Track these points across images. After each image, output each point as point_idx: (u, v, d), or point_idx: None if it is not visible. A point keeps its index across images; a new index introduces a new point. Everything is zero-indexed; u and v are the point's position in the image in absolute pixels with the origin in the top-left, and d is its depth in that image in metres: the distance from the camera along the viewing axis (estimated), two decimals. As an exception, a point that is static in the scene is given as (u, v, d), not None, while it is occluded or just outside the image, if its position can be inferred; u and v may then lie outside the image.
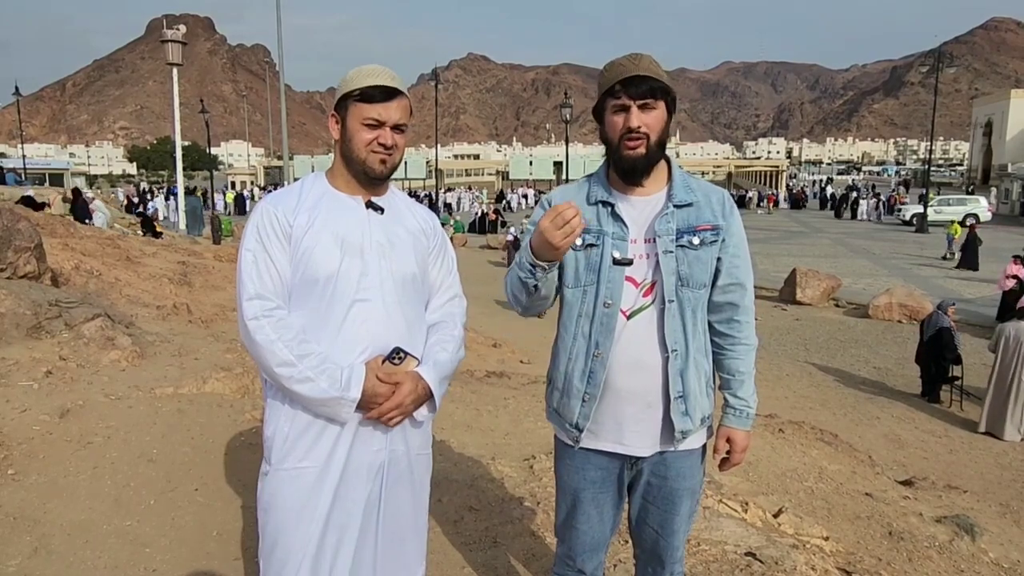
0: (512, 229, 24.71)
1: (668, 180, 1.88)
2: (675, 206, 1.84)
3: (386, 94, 1.77)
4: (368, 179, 1.83)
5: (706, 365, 1.91)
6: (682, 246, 1.82)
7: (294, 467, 1.77)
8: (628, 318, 1.83)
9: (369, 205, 1.85)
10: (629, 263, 1.82)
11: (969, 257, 21.05)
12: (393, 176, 1.91)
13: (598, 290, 1.83)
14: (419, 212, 1.99)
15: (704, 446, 1.99)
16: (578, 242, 1.84)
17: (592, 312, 1.85)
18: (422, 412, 1.86)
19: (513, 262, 1.87)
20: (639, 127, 1.76)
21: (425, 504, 1.99)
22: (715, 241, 1.85)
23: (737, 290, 1.90)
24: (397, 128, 1.81)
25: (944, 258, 23.37)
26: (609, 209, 1.86)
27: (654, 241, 1.82)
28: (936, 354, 9.90)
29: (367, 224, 1.82)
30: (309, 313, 1.78)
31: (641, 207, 1.86)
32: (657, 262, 1.81)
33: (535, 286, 1.78)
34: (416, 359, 1.83)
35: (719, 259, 1.87)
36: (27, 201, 17.25)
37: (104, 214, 17.37)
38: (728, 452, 1.95)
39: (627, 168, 1.82)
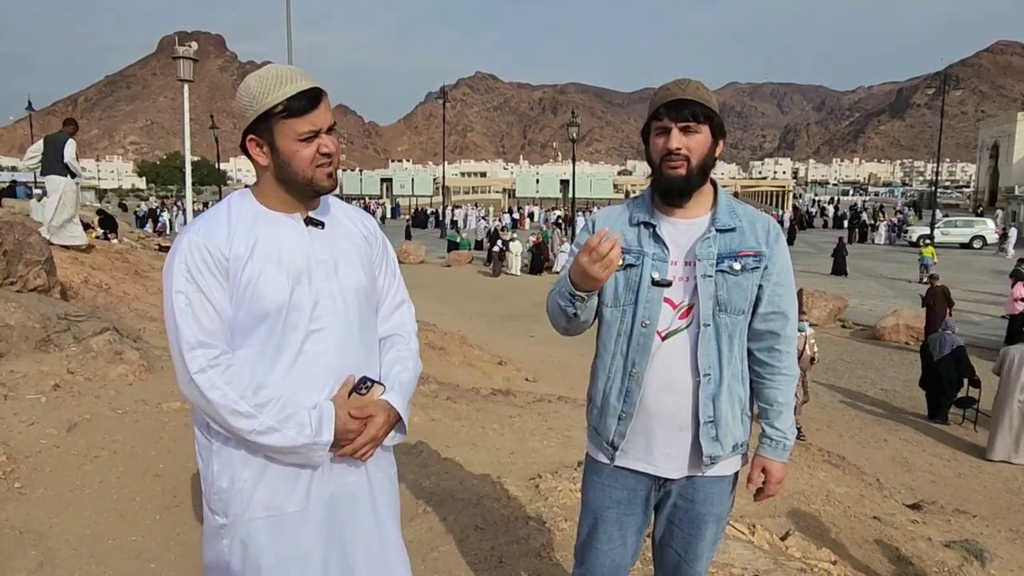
0: (499, 242, 25.15)
1: (713, 204, 1.89)
2: (718, 230, 1.83)
3: (313, 99, 1.58)
4: (313, 195, 1.68)
5: (741, 392, 1.88)
6: (722, 271, 1.81)
7: (264, 516, 1.63)
8: (663, 339, 1.83)
9: (309, 221, 1.69)
10: (668, 284, 1.82)
11: (838, 264, 24.18)
12: (402, 193, 1.83)
13: (636, 310, 1.83)
14: (357, 217, 1.84)
15: (736, 474, 1.96)
16: (619, 263, 1.86)
17: (630, 331, 1.85)
18: (392, 438, 1.77)
19: (552, 289, 1.90)
20: (678, 149, 1.77)
21: (398, 527, 1.89)
22: (756, 268, 1.84)
23: (779, 319, 1.88)
24: (330, 130, 1.63)
25: (921, 282, 22.25)
26: (651, 230, 1.86)
27: (694, 264, 1.82)
28: (956, 374, 9.83)
29: (310, 243, 1.67)
30: (256, 349, 1.61)
31: (684, 229, 1.86)
32: (695, 285, 1.81)
33: (575, 314, 1.82)
34: (381, 385, 1.73)
35: (761, 287, 1.85)
36: None
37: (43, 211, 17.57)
38: (763, 483, 1.92)
39: (666, 189, 1.83)
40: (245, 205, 1.67)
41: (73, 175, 8.69)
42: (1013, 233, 32.04)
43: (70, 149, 8.52)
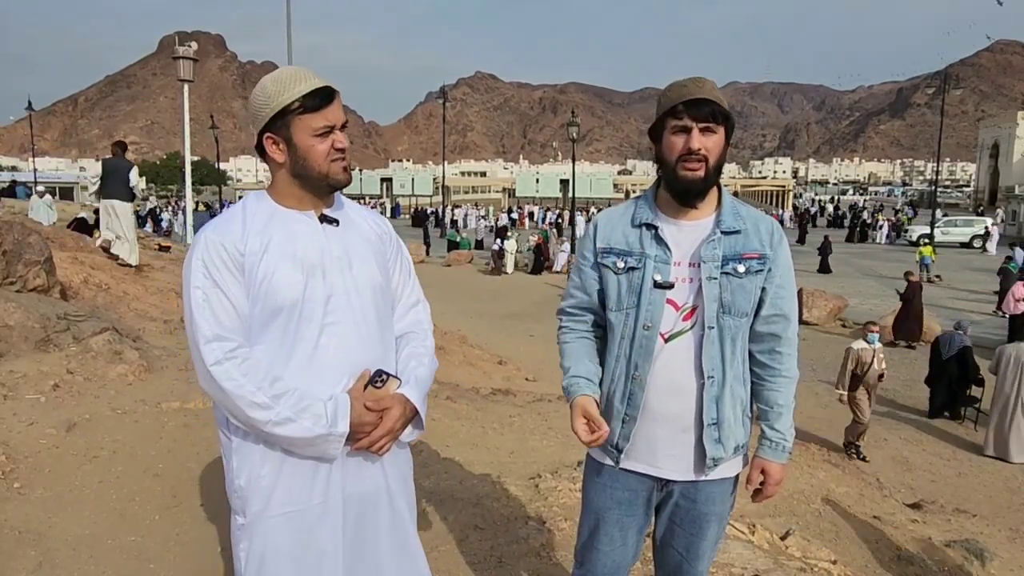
0: (498, 240, 25.42)
1: (717, 206, 1.87)
2: (722, 232, 1.82)
3: (326, 96, 1.64)
4: (329, 190, 1.72)
5: (743, 394, 1.88)
6: (726, 273, 1.80)
7: (283, 512, 1.65)
8: (666, 341, 1.82)
9: (323, 219, 1.72)
10: (670, 287, 1.81)
11: (823, 262, 25.26)
12: (402, 192, 1.85)
13: (638, 312, 1.83)
14: (370, 218, 1.87)
15: (737, 475, 1.96)
16: (620, 265, 1.86)
17: (632, 334, 1.84)
18: (408, 434, 1.78)
19: (564, 365, 1.97)
20: (699, 149, 1.75)
21: (414, 526, 1.91)
22: (760, 270, 1.83)
23: (780, 321, 1.88)
24: (342, 127, 1.69)
25: (927, 281, 22.23)
26: (653, 232, 1.85)
27: (698, 266, 1.81)
28: (960, 374, 9.90)
29: (324, 240, 1.70)
30: (273, 344, 1.64)
31: (688, 231, 1.85)
32: (700, 287, 1.80)
33: None
34: (397, 379, 1.74)
35: (763, 289, 1.85)
36: (80, 224, 14.99)
37: (49, 211, 16.53)
38: (762, 484, 1.91)
39: (682, 190, 1.80)
40: (261, 204, 1.71)
41: (133, 198, 9.55)
42: (995, 231, 32.08)
43: (135, 175, 9.37)
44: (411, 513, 1.88)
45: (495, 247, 24.96)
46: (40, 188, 20.81)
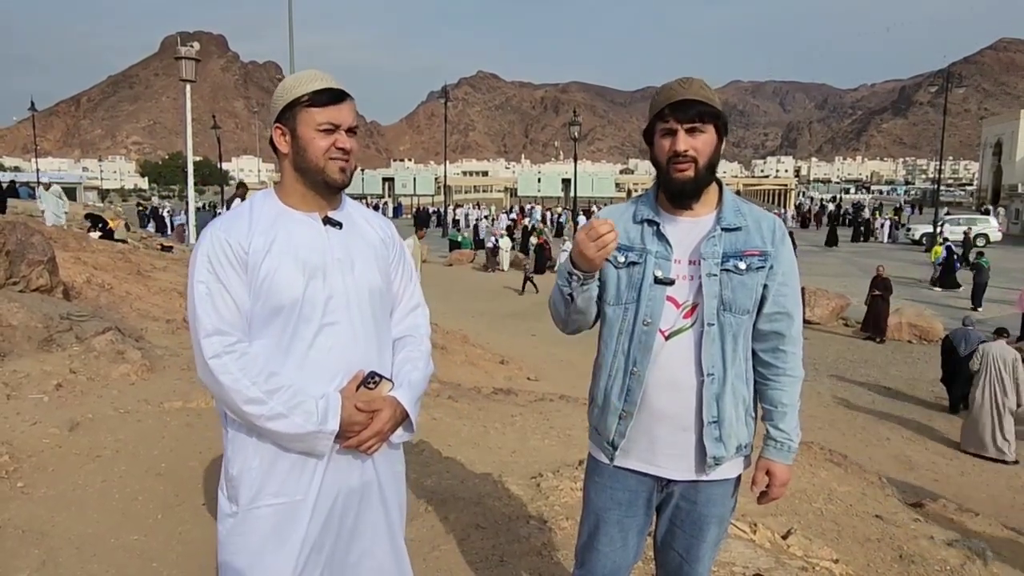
0: (492, 238, 25.99)
1: (718, 203, 1.87)
2: (723, 229, 1.82)
3: (336, 96, 1.69)
4: (327, 190, 1.75)
5: (745, 392, 1.87)
6: (727, 270, 1.80)
7: (271, 503, 1.68)
8: (667, 338, 1.82)
9: (327, 221, 1.76)
10: (670, 283, 1.81)
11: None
12: (404, 192, 1.86)
13: (638, 308, 1.83)
14: (375, 221, 1.90)
15: (739, 476, 1.95)
16: (620, 259, 1.86)
17: (631, 330, 1.84)
18: (399, 435, 1.80)
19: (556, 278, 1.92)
20: (686, 151, 1.76)
21: (402, 524, 1.93)
22: (762, 267, 1.83)
23: (784, 319, 1.87)
24: (350, 131, 1.72)
25: (932, 281, 22.28)
26: (654, 228, 1.85)
27: (699, 263, 1.81)
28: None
29: (327, 242, 1.73)
30: (271, 341, 1.68)
31: (688, 228, 1.85)
32: (700, 284, 1.80)
33: (570, 295, 1.83)
34: (390, 382, 1.77)
35: (766, 287, 1.85)
36: (94, 221, 15.04)
37: (60, 202, 15.39)
38: (767, 485, 1.90)
39: (675, 191, 1.82)
40: (268, 203, 1.75)
41: None
42: (948, 230, 31.84)
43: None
44: (400, 510, 1.91)
45: (489, 245, 25.24)
46: (45, 179, 20.69)
